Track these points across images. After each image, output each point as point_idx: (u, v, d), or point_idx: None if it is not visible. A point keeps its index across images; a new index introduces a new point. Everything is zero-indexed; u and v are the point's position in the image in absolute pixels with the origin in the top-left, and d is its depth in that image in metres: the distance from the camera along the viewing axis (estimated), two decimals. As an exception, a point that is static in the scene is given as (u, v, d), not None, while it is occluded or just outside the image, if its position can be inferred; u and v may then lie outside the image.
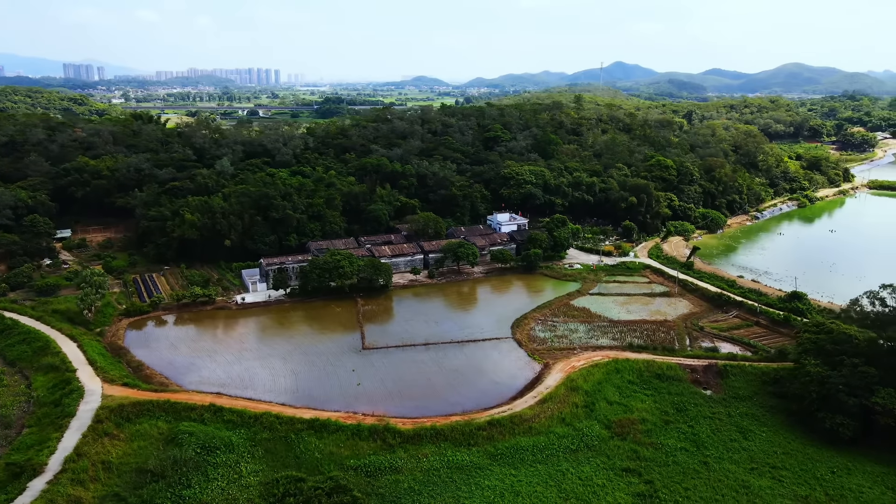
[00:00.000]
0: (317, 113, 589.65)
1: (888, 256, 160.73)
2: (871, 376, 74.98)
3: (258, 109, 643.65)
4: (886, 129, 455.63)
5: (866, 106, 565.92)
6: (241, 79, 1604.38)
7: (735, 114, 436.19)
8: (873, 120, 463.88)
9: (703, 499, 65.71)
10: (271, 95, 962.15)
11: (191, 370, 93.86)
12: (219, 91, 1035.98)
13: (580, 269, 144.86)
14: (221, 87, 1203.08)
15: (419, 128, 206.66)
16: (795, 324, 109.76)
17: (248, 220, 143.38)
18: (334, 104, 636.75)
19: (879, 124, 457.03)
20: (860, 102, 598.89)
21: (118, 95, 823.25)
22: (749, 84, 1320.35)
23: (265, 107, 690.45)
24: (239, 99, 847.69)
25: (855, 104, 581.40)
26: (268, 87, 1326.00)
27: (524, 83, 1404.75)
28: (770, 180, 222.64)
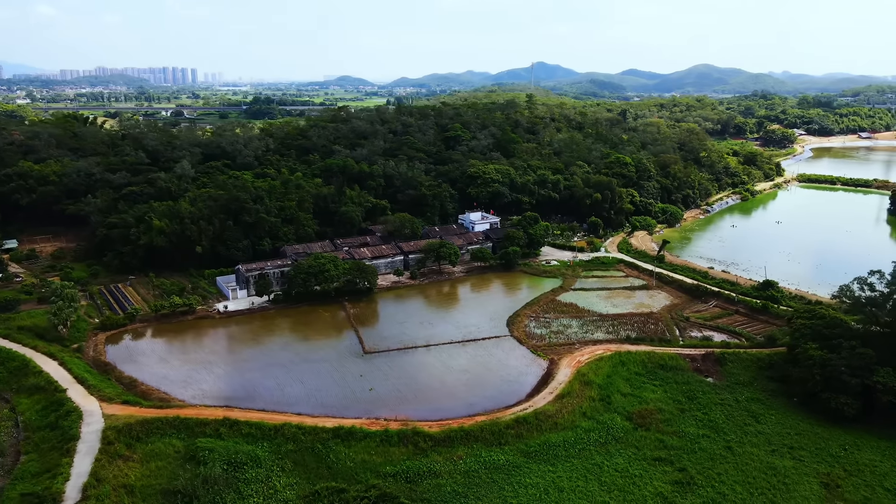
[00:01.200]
0: (246, 113, 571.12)
1: (834, 244, 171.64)
2: (869, 357, 79.85)
3: (182, 110, 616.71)
4: (800, 125, 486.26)
5: (778, 105, 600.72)
6: (156, 78, 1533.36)
7: (666, 112, 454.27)
8: (789, 118, 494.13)
9: (737, 482, 68.16)
10: (192, 95, 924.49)
11: (190, 384, 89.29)
12: (133, 91, 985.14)
13: (557, 265, 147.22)
14: (135, 86, 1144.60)
15: (380, 128, 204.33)
16: (773, 311, 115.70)
17: (218, 226, 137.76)
18: (264, 104, 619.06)
19: (794, 122, 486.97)
20: (772, 101, 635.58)
21: (22, 96, 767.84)
22: (663, 84, 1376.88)
23: (189, 107, 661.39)
24: (158, 99, 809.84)
25: (768, 103, 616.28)
26: (185, 87, 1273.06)
27: (449, 83, 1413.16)
28: (714, 175, 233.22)
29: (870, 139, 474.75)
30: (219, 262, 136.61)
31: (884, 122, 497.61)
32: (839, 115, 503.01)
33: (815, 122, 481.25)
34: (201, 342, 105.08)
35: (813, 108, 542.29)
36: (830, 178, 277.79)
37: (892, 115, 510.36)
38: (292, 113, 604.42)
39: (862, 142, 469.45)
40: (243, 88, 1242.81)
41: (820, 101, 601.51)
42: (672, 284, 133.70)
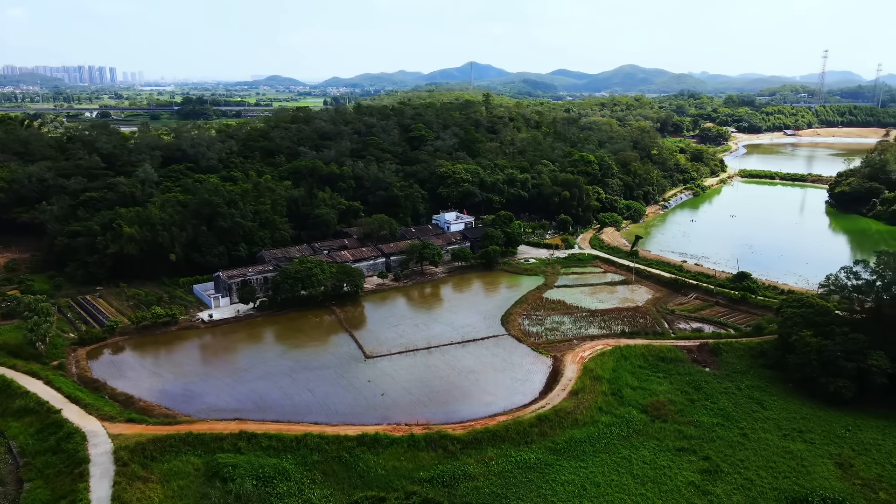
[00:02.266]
0: (178, 114, 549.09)
1: (789, 236, 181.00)
2: (862, 342, 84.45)
3: (109, 111, 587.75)
4: (731, 123, 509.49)
5: (707, 104, 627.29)
6: (71, 77, 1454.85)
7: (607, 111, 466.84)
8: (720, 116, 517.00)
9: (760, 467, 70.66)
10: (114, 96, 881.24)
11: (192, 398, 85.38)
12: (49, 91, 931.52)
13: (536, 262, 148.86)
14: (49, 86, 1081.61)
15: (345, 128, 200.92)
16: (752, 301, 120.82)
17: (191, 231, 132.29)
18: (197, 105, 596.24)
19: (726, 120, 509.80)
20: (701, 101, 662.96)
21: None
22: (592, 84, 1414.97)
23: (114, 108, 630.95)
24: (78, 100, 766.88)
25: (697, 102, 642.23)
26: (104, 87, 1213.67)
27: (382, 82, 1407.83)
28: (667, 172, 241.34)
29: (794, 136, 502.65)
30: (193, 269, 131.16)
31: (806, 120, 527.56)
32: (765, 114, 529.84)
33: (745, 120, 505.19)
34: (192, 353, 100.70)
35: (738, 106, 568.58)
36: (770, 174, 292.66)
37: (812, 113, 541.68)
38: (228, 114, 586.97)
39: (787, 138, 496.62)
40: (167, 88, 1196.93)
41: (744, 101, 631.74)
42: (651, 279, 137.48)
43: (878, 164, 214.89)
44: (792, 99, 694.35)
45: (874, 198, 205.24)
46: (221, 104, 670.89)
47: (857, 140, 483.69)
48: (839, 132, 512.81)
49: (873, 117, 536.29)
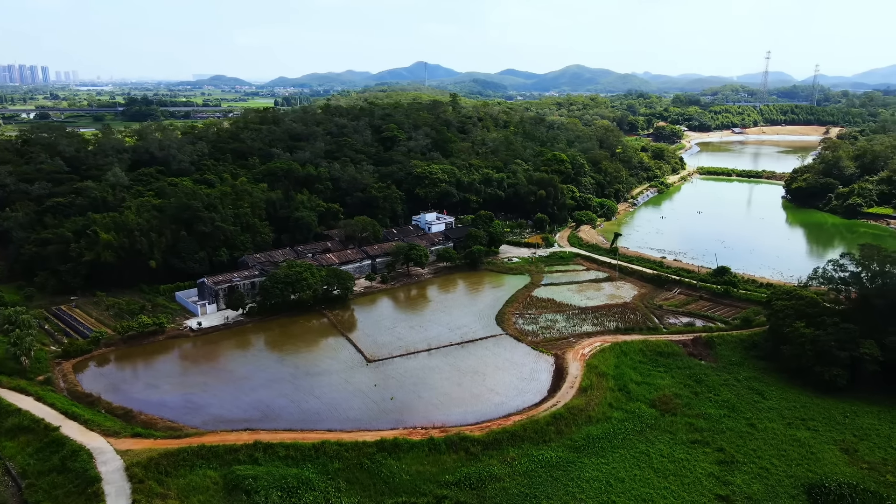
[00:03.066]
0: (124, 115, 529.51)
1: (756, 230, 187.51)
2: (853, 331, 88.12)
3: (48, 112, 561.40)
4: (682, 122, 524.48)
5: (656, 103, 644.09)
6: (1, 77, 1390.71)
7: (564, 110, 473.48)
8: (672, 115, 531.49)
9: (772, 456, 72.84)
10: (51, 96, 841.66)
11: (195, 409, 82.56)
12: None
13: (519, 262, 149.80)
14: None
15: (317, 129, 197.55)
16: (735, 295, 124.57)
17: (171, 237, 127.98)
18: (144, 105, 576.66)
19: (677, 119, 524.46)
20: (651, 100, 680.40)
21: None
22: (541, 83, 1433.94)
23: (52, 109, 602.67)
24: (11, 100, 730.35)
25: (647, 101, 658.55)
26: (38, 87, 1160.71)
27: (330, 82, 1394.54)
28: (632, 170, 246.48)
29: (742, 134, 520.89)
30: (173, 276, 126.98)
31: (752, 119, 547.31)
32: (714, 113, 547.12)
33: (695, 119, 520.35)
34: (185, 363, 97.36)
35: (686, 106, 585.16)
36: (727, 171, 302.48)
37: (757, 112, 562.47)
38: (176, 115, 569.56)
39: (735, 136, 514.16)
40: (106, 88, 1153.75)
41: (690, 100, 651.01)
42: (634, 275, 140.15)
43: (831, 161, 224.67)
44: (733, 98, 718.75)
45: (829, 193, 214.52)
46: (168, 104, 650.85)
47: (800, 138, 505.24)
48: (783, 130, 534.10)
49: (813, 116, 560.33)
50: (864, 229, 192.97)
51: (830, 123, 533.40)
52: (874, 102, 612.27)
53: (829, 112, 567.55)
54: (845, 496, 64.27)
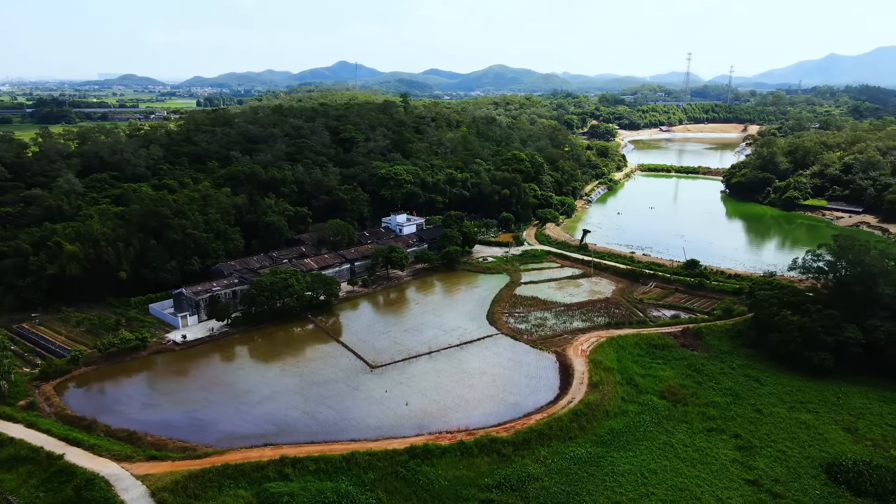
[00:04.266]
0: (33, 117, 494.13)
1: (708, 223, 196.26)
2: (836, 317, 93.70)
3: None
4: (613, 121, 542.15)
5: (584, 102, 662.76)
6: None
7: (501, 109, 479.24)
8: (603, 114, 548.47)
9: (785, 439, 76.28)
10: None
11: (204, 427, 78.62)
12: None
13: (494, 261, 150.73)
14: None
15: (275, 131, 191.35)
16: (709, 286, 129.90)
17: (139, 246, 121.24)
18: (55, 106, 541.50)
19: (608, 117, 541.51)
20: (579, 99, 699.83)
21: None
22: (465, 83, 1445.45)
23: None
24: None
25: (575, 101, 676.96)
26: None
27: (250, 82, 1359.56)
28: (582, 168, 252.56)
29: (669, 132, 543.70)
30: (142, 287, 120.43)
31: (677, 117, 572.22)
32: (642, 112, 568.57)
33: (625, 117, 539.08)
34: (179, 379, 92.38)
35: (612, 105, 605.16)
36: (666, 167, 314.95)
37: (681, 110, 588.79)
38: (92, 116, 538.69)
39: (663, 134, 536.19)
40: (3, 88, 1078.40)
41: (616, 100, 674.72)
42: (608, 271, 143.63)
43: (766, 157, 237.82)
44: (652, 98, 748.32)
45: (767, 187, 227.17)
46: (82, 105, 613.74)
47: (722, 135, 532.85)
48: (706, 128, 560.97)
49: (732, 114, 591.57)
50: (802, 220, 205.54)
51: (748, 121, 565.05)
52: (783, 101, 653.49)
53: (746, 110, 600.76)
54: (863, 473, 68.13)
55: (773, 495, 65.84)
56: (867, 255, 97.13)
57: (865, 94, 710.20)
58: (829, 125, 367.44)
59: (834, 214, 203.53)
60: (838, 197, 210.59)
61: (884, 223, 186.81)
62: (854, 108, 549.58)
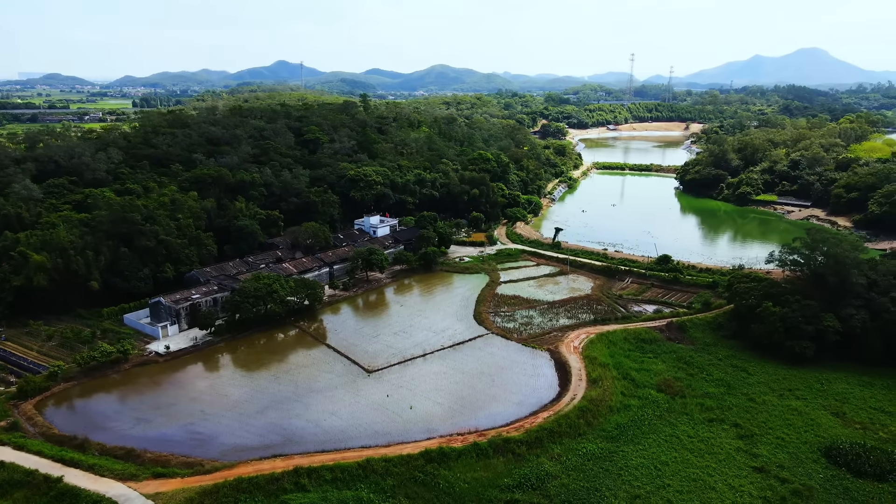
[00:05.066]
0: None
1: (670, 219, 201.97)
2: (815, 307, 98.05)
3: None
4: (561, 120, 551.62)
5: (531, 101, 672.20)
6: None
7: (453, 109, 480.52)
8: (552, 113, 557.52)
9: (781, 426, 79.24)
10: None
11: (206, 441, 75.85)
12: None
13: (471, 261, 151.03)
14: None
15: (238, 132, 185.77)
16: (684, 281, 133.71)
17: (109, 254, 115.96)
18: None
19: (557, 116, 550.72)
20: (525, 99, 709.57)
21: None
22: (407, 83, 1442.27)
23: None
24: None
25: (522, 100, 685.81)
26: None
27: (185, 82, 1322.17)
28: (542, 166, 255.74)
29: (616, 130, 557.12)
30: (114, 297, 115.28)
31: (623, 116, 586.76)
32: (589, 111, 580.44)
33: (574, 116, 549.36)
34: (169, 391, 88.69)
35: (557, 104, 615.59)
36: (620, 165, 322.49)
37: (626, 110, 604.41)
38: (21, 118, 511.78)
39: (610, 133, 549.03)
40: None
41: (560, 99, 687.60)
42: (584, 268, 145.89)
43: (718, 154, 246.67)
44: (594, 97, 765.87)
45: (721, 183, 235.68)
46: (8, 106, 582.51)
47: (666, 133, 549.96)
48: (650, 126, 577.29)
49: (674, 113, 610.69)
50: (755, 215, 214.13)
51: (689, 120, 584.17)
52: (718, 100, 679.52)
53: (687, 109, 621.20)
54: (860, 455, 71.47)
55: (781, 481, 68.32)
56: (840, 248, 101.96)
57: (793, 93, 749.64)
58: (767, 123, 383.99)
59: (785, 209, 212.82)
60: (788, 192, 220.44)
61: (832, 216, 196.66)
62: (785, 107, 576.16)
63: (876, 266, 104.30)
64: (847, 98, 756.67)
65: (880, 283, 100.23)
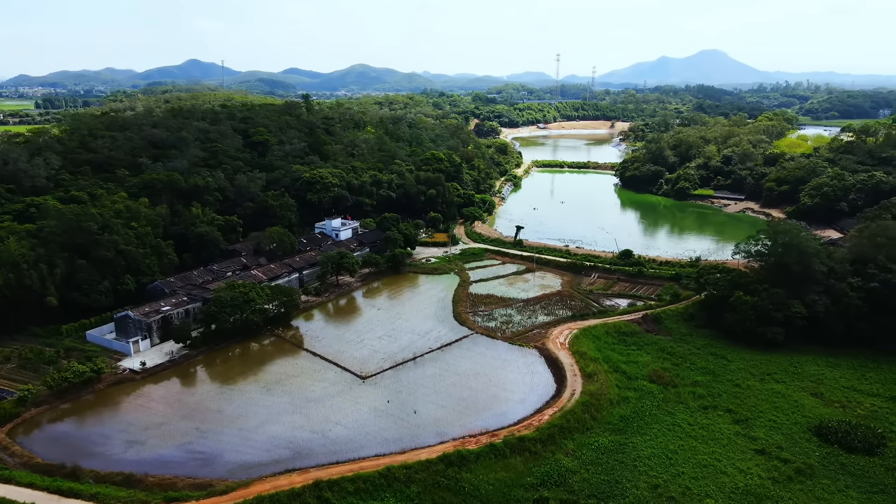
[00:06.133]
0: None
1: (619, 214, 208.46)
2: (782, 295, 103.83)
3: None
4: (493, 119, 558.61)
5: (459, 101, 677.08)
6: None
7: (386, 109, 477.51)
8: (483, 112, 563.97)
9: (769, 409, 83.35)
10: None
11: (210, 460, 72.22)
12: None
13: (437, 261, 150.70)
14: None
15: (185, 135, 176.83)
16: (648, 274, 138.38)
17: (64, 267, 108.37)
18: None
19: (489, 115, 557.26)
20: (453, 98, 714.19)
21: None
22: (327, 82, 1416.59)
23: None
24: None
25: (450, 100, 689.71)
26: None
27: (88, 81, 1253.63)
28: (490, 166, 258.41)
29: (546, 129, 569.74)
30: (72, 313, 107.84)
31: (552, 115, 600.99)
32: (519, 110, 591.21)
33: (505, 115, 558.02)
34: (153, 410, 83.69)
35: (484, 104, 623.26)
36: (559, 163, 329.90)
37: (555, 109, 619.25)
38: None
39: (540, 131, 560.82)
40: None
41: (486, 98, 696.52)
42: (549, 265, 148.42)
43: (655, 151, 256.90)
44: (517, 97, 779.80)
45: (660, 179, 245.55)
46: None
47: (593, 131, 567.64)
48: (578, 125, 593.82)
49: (599, 112, 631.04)
50: (694, 208, 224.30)
51: (614, 118, 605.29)
52: (637, 99, 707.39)
53: (611, 108, 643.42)
54: (849, 432, 76.27)
55: (783, 461, 71.98)
56: (801, 238, 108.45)
57: (702, 92, 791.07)
58: (690, 122, 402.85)
59: (721, 202, 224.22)
60: (723, 186, 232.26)
61: (765, 208, 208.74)
62: (698, 105, 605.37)
63: (831, 254, 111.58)
64: (750, 97, 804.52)
65: (837, 270, 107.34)
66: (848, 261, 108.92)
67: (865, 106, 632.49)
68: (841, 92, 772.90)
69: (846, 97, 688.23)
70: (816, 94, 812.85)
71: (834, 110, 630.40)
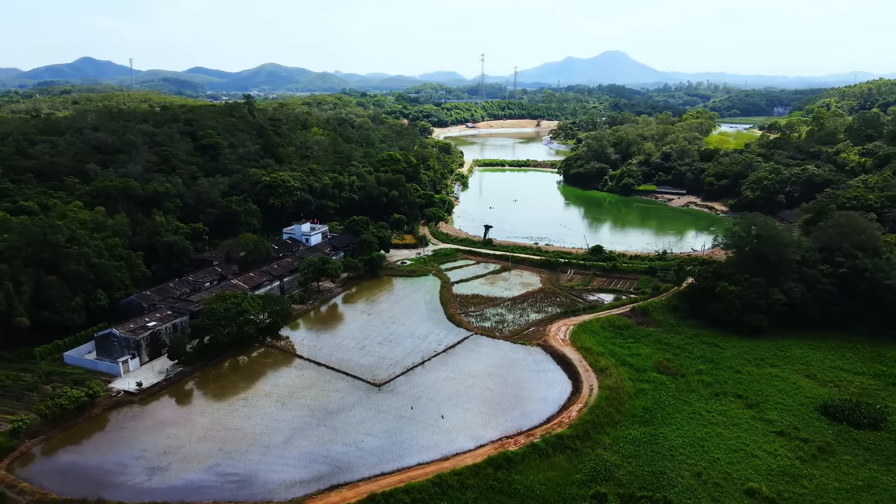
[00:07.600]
0: None
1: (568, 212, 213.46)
2: (764, 284, 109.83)
3: None
4: (423, 118, 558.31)
5: (383, 101, 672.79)
6: None
7: (316, 109, 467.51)
8: (412, 112, 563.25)
9: (773, 391, 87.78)
10: None
11: (246, 481, 68.51)
12: None
13: (412, 263, 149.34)
14: None
15: (134, 138, 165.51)
16: (622, 268, 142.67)
17: (32, 284, 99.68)
18: None
19: (418, 115, 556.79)
20: (377, 98, 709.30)
21: None
22: (236, 82, 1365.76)
23: None
24: None
25: (374, 100, 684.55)
26: None
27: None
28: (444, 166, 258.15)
29: (474, 128, 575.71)
30: (42, 334, 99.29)
31: (479, 114, 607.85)
32: (447, 109, 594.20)
33: (434, 115, 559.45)
34: (165, 433, 78.35)
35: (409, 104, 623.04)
36: (499, 162, 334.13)
37: (482, 108, 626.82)
38: None
39: (469, 130, 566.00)
40: None
41: (409, 98, 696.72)
42: (524, 263, 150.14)
43: (598, 149, 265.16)
44: (435, 96, 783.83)
45: (604, 176, 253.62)
46: None
47: (520, 130, 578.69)
48: (505, 124, 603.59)
49: (525, 111, 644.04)
50: (639, 203, 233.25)
51: (539, 117, 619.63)
52: (557, 99, 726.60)
53: (535, 107, 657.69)
54: (854, 410, 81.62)
55: (803, 441, 76.15)
56: (775, 230, 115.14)
57: (614, 91, 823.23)
58: (618, 120, 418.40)
59: (665, 196, 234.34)
60: (665, 181, 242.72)
61: (707, 202, 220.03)
62: (614, 104, 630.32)
63: (801, 244, 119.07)
64: (657, 96, 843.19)
65: (808, 259, 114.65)
66: (816, 249, 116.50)
67: (762, 104, 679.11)
68: (739, 91, 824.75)
69: (744, 96, 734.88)
70: (717, 94, 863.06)
71: (735, 108, 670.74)
